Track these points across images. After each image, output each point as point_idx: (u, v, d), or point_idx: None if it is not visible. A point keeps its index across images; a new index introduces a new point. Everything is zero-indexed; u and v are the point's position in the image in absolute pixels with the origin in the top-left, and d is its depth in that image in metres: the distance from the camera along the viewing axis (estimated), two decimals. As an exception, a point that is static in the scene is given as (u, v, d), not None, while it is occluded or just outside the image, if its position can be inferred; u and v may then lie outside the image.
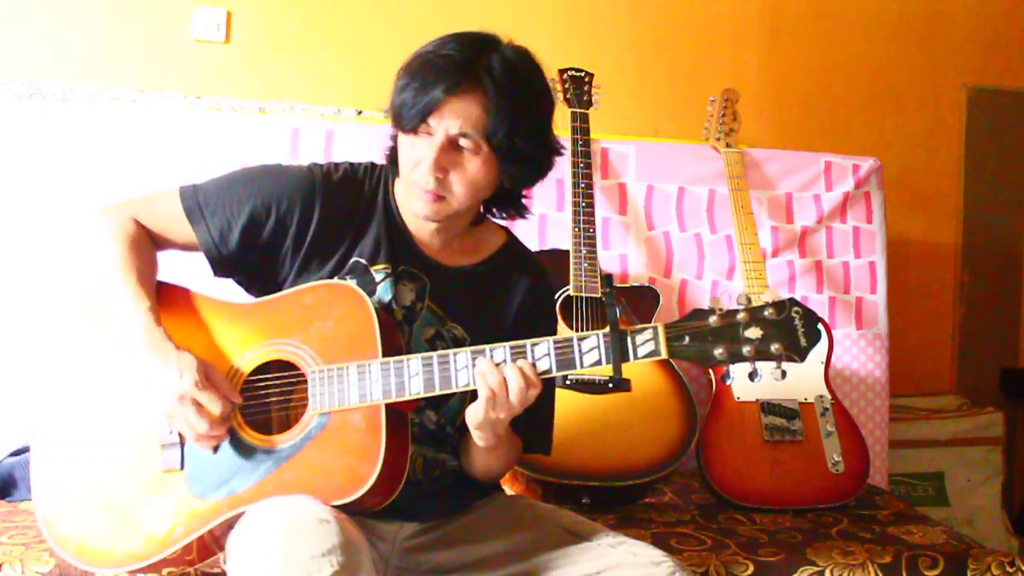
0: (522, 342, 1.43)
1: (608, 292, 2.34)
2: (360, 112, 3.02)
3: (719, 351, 1.38)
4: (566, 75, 2.61)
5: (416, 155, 1.50)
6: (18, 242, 2.39)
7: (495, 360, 1.42)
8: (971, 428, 3.21)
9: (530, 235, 2.52)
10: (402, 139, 1.53)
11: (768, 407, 2.33)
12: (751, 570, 1.82)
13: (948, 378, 3.49)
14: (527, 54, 1.54)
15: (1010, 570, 1.87)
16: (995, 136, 3.52)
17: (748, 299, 1.41)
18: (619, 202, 2.69)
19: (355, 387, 1.45)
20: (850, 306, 2.76)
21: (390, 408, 1.45)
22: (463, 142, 1.49)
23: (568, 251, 2.38)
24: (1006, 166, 3.54)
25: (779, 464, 2.27)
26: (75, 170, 2.42)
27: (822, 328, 1.42)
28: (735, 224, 2.57)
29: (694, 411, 2.27)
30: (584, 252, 2.37)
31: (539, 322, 1.66)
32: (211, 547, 1.53)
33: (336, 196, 1.58)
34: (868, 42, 3.42)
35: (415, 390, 1.44)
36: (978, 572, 1.88)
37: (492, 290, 1.65)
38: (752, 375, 1.41)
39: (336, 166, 1.63)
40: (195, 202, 1.57)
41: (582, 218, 2.42)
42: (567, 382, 2.17)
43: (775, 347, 1.37)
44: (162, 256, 1.61)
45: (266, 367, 1.53)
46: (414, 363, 1.44)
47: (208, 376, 1.45)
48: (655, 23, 3.27)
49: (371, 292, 1.54)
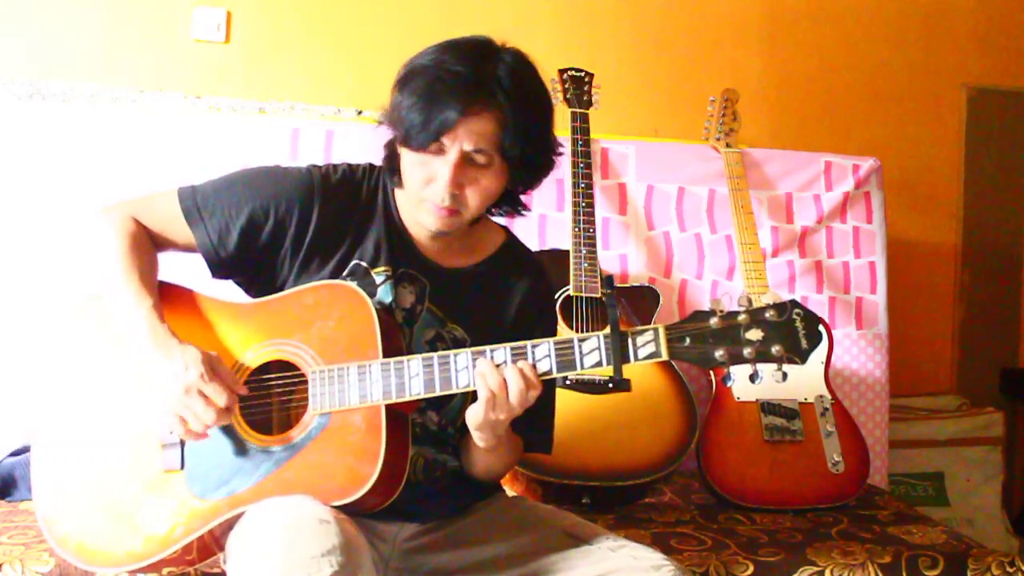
0: (522, 343, 1.43)
1: (608, 293, 2.31)
2: (360, 112, 3.02)
3: (720, 353, 1.37)
4: (566, 75, 2.61)
5: (427, 173, 1.48)
6: (18, 242, 2.39)
7: (495, 361, 1.42)
8: (971, 428, 3.21)
9: (530, 235, 2.52)
10: (409, 155, 1.50)
11: (768, 407, 2.33)
12: (751, 570, 1.82)
13: (948, 378, 3.49)
14: (526, 58, 1.52)
15: (1010, 570, 1.87)
16: (995, 136, 3.51)
17: (749, 300, 1.41)
18: (619, 202, 2.69)
19: (355, 387, 1.45)
20: (850, 306, 2.76)
21: (390, 409, 1.45)
22: (477, 157, 1.47)
23: (568, 251, 2.38)
24: (1006, 166, 3.53)
25: (779, 464, 2.27)
26: (75, 170, 2.42)
27: (823, 330, 1.41)
28: (735, 224, 2.57)
29: (694, 411, 2.27)
30: (584, 252, 2.37)
31: (539, 321, 1.66)
32: (211, 547, 1.53)
33: (335, 198, 1.58)
34: (868, 42, 3.42)
35: (415, 391, 1.44)
36: (978, 572, 1.88)
37: (492, 290, 1.64)
38: (753, 377, 1.40)
39: (335, 167, 1.62)
40: (193, 203, 1.56)
41: (582, 218, 2.41)
42: (567, 382, 2.18)
43: (776, 349, 1.37)
44: (162, 257, 1.60)
45: (267, 367, 1.53)
46: (414, 364, 1.44)
47: (213, 368, 1.45)
48: (655, 23, 3.27)
49: (372, 294, 1.53)
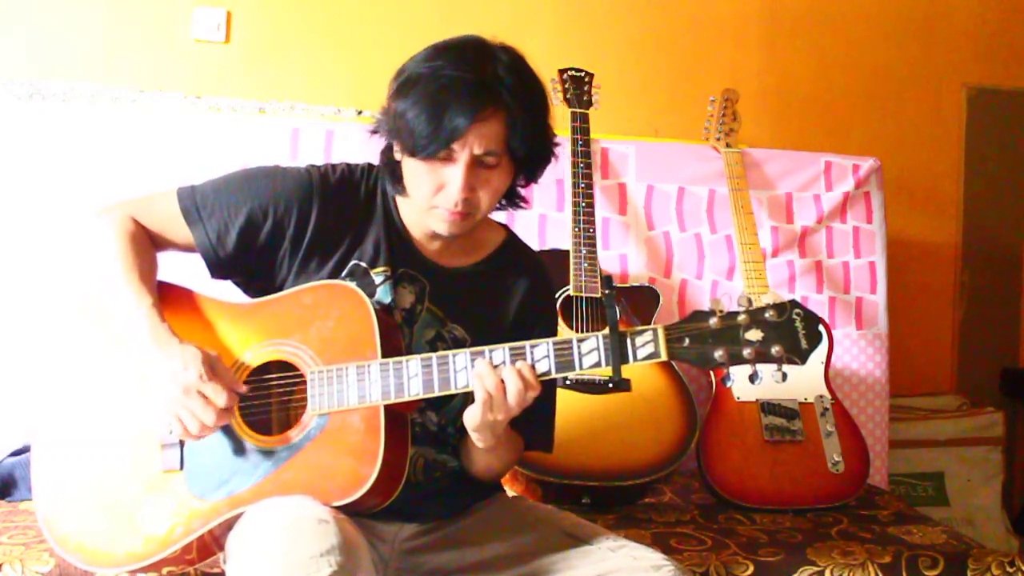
0: (521, 343, 1.42)
1: (608, 293, 2.32)
2: (360, 112, 3.02)
3: (719, 353, 1.37)
4: (566, 75, 2.60)
5: (437, 180, 1.48)
6: (18, 242, 2.39)
7: (494, 361, 1.42)
8: (971, 428, 3.21)
9: (530, 235, 2.52)
10: (415, 164, 1.48)
11: (768, 407, 2.33)
12: (751, 570, 1.82)
13: (948, 378, 3.49)
14: (519, 53, 1.52)
15: (1010, 570, 1.87)
16: (995, 136, 3.51)
17: (749, 301, 1.40)
18: (619, 202, 2.69)
19: (354, 388, 1.45)
20: (850, 306, 2.76)
21: (389, 409, 1.45)
22: (487, 159, 1.47)
23: (568, 251, 2.38)
24: (1006, 166, 3.53)
25: (779, 464, 2.27)
26: (75, 170, 2.42)
27: (823, 330, 1.41)
28: (735, 224, 2.56)
29: (694, 411, 2.27)
30: (584, 252, 2.37)
31: (539, 320, 1.66)
32: (211, 547, 1.53)
33: (334, 198, 1.58)
34: (868, 42, 3.42)
35: (414, 391, 1.43)
36: (978, 572, 1.88)
37: (492, 289, 1.64)
38: (752, 377, 1.39)
39: (333, 167, 1.62)
40: (192, 203, 1.56)
41: (582, 218, 2.41)
42: (567, 382, 2.17)
43: (776, 349, 1.36)
44: (161, 257, 1.60)
45: (266, 367, 1.52)
46: (413, 364, 1.44)
47: (213, 367, 1.45)
48: (655, 23, 3.27)
49: (371, 294, 1.53)
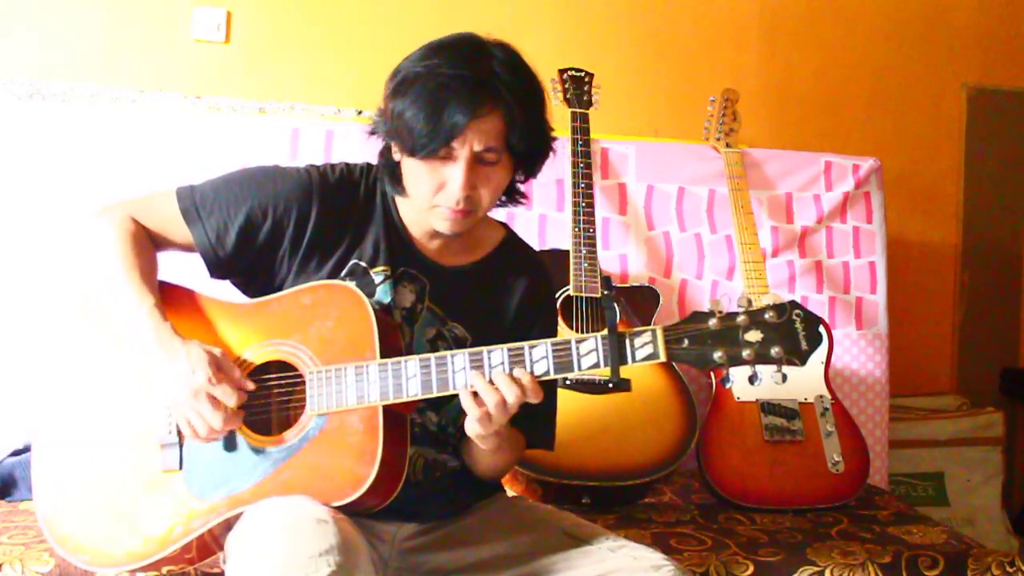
0: (519, 344, 1.42)
1: (607, 294, 2.34)
2: (360, 112, 3.02)
3: (718, 354, 1.36)
4: (566, 75, 2.60)
5: (438, 179, 1.48)
6: (18, 242, 2.39)
7: (492, 362, 1.41)
8: (971, 428, 3.21)
9: (530, 235, 2.52)
10: (415, 164, 1.48)
11: (768, 407, 2.33)
12: (751, 570, 1.82)
13: (948, 378, 3.49)
14: (513, 49, 1.51)
15: (1010, 570, 1.87)
16: (995, 136, 3.51)
17: (748, 301, 1.39)
18: (619, 202, 2.69)
19: (353, 388, 1.45)
20: (850, 306, 2.76)
21: (388, 409, 1.45)
22: (487, 156, 1.47)
23: (568, 251, 2.38)
24: (1006, 166, 3.53)
25: (779, 464, 2.27)
26: (75, 170, 2.42)
27: (823, 331, 1.40)
28: (735, 224, 2.56)
29: (694, 411, 2.28)
30: (584, 252, 2.37)
31: (539, 317, 1.66)
32: (210, 546, 1.54)
33: (333, 197, 1.58)
34: (868, 42, 3.42)
35: (413, 392, 1.43)
36: (978, 572, 1.88)
37: (492, 288, 1.64)
38: (752, 379, 1.39)
39: (332, 167, 1.62)
40: (192, 203, 1.56)
41: (582, 218, 2.41)
42: (567, 382, 2.17)
43: (775, 351, 1.36)
44: (160, 257, 1.60)
45: (265, 367, 1.52)
46: (412, 365, 1.44)
47: (220, 367, 1.44)
48: (655, 23, 3.27)
49: (370, 294, 1.53)
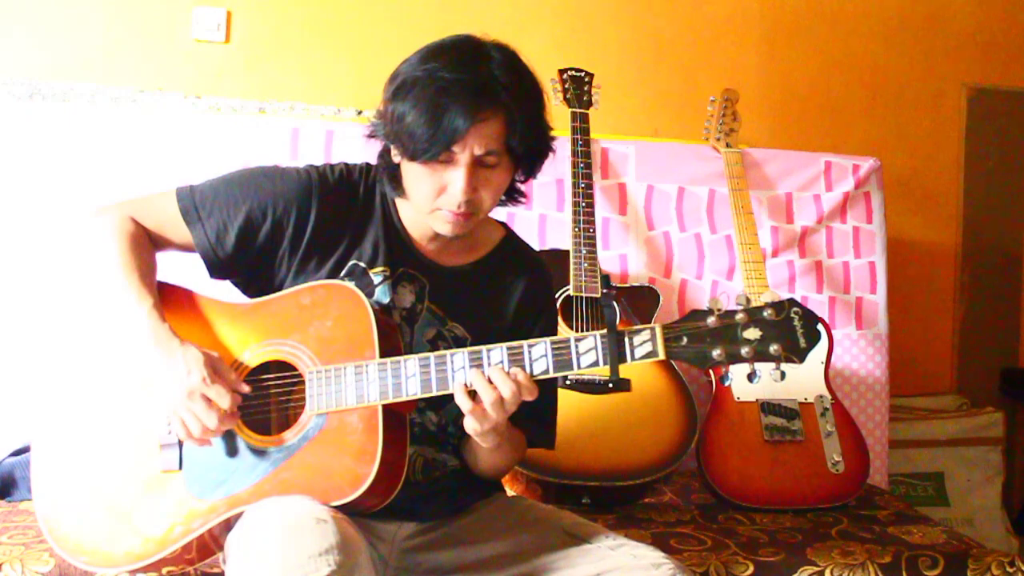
0: (519, 343, 1.42)
1: (606, 293, 2.34)
2: (360, 112, 3.02)
3: (717, 352, 1.37)
4: (566, 75, 2.60)
5: (438, 183, 1.48)
6: (18, 242, 2.39)
7: (491, 361, 1.41)
8: (971, 428, 3.21)
9: (530, 235, 2.52)
10: (415, 168, 1.48)
11: (768, 407, 2.33)
12: (751, 570, 1.82)
13: (948, 378, 3.49)
14: (511, 49, 1.51)
15: (1010, 570, 1.87)
16: (995, 136, 3.51)
17: (747, 299, 1.40)
18: (619, 202, 2.69)
19: (352, 388, 1.45)
20: (850, 306, 2.76)
21: (387, 409, 1.45)
22: (488, 159, 1.47)
23: (568, 251, 2.38)
24: (1006, 166, 3.53)
25: (779, 464, 2.27)
26: (75, 170, 2.42)
27: (822, 329, 1.40)
28: (735, 224, 2.56)
29: (694, 411, 2.27)
30: (584, 252, 2.37)
31: (540, 317, 1.67)
32: (210, 547, 1.54)
33: (332, 198, 1.58)
34: (868, 42, 3.42)
35: (412, 391, 1.43)
36: (978, 572, 1.87)
37: (491, 287, 1.65)
38: (751, 376, 1.39)
39: (332, 167, 1.62)
40: (191, 203, 1.56)
41: (582, 218, 2.41)
42: (567, 382, 2.17)
43: (774, 348, 1.36)
44: (160, 257, 1.60)
45: (265, 367, 1.52)
46: (411, 364, 1.44)
47: (215, 370, 1.45)
48: (655, 23, 3.27)
49: (369, 294, 1.53)
